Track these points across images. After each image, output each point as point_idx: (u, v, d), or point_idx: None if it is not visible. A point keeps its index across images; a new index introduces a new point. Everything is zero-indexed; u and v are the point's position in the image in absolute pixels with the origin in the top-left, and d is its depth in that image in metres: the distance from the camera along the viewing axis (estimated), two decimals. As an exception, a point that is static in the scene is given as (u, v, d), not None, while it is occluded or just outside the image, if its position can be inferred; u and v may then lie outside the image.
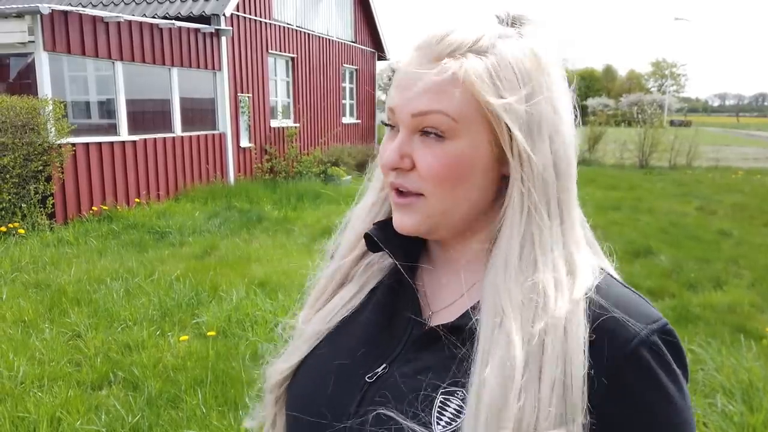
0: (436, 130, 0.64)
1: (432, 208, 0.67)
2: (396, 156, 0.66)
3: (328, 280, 0.80)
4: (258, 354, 3.70)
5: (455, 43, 0.63)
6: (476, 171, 0.65)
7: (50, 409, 2.97)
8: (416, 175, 0.66)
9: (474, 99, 0.62)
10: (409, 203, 0.68)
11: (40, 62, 7.04)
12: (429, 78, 0.63)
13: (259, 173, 11.42)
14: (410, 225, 0.68)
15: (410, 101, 0.64)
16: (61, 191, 7.21)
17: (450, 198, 0.66)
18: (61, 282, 5.00)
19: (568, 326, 0.61)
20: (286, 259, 5.94)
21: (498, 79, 0.62)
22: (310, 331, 0.77)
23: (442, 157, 0.64)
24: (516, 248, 0.64)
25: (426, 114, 0.63)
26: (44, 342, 3.83)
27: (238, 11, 10.62)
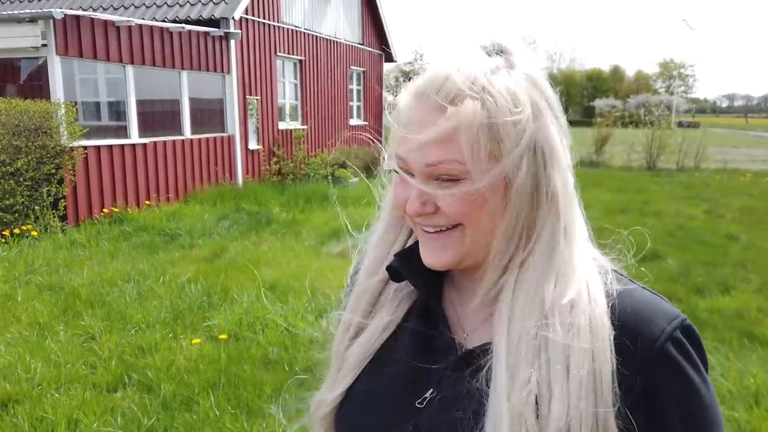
0: (450, 176, 0.68)
1: (465, 239, 0.70)
2: (418, 205, 0.70)
3: (353, 309, 0.82)
4: (269, 358, 3.75)
5: (453, 90, 0.66)
6: (492, 202, 0.69)
7: (68, 411, 3.04)
8: (443, 215, 0.70)
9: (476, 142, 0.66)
10: (440, 237, 0.72)
11: (52, 66, 7.13)
12: (436, 130, 0.67)
13: (267, 175, 11.50)
14: (445, 260, 0.72)
15: (422, 152, 0.68)
16: (72, 193, 7.30)
17: (479, 227, 0.70)
18: (74, 284, 5.07)
19: (593, 330, 0.65)
20: (295, 261, 6.00)
21: (497, 119, 0.66)
22: (351, 360, 0.79)
23: (461, 196, 0.68)
24: (531, 266, 0.69)
25: (439, 164, 0.67)
26: (59, 344, 3.90)
27: (247, 14, 10.70)
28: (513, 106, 0.66)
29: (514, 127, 0.66)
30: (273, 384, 3.41)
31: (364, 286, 0.82)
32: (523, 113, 0.67)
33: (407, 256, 0.77)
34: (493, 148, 0.66)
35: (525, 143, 0.67)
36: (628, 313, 0.68)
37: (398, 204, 0.74)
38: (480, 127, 0.65)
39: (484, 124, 0.65)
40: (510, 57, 0.70)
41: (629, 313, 0.68)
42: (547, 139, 0.68)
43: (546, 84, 0.71)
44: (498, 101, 0.66)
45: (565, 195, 0.70)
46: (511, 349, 0.66)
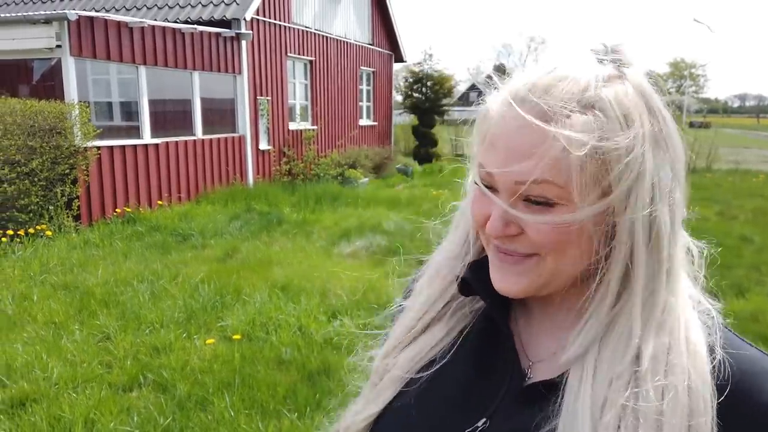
0: (543, 199, 0.59)
1: (544, 268, 0.63)
2: (500, 226, 0.62)
3: (413, 321, 0.75)
4: (282, 358, 3.77)
5: (560, 99, 0.58)
6: (588, 233, 0.60)
7: (84, 411, 3.07)
8: (526, 240, 0.62)
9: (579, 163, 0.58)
10: (517, 262, 0.64)
11: (67, 67, 7.19)
12: (532, 140, 0.58)
13: (277, 176, 11.54)
14: (518, 289, 0.65)
15: (513, 166, 0.59)
16: (86, 193, 7.36)
17: (565, 260, 0.62)
18: (88, 284, 5.12)
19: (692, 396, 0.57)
20: (307, 261, 6.02)
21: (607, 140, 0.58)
22: (393, 374, 0.73)
23: (553, 224, 0.60)
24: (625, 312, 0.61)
25: (533, 183, 0.59)
26: (75, 344, 3.94)
27: (258, 15, 10.74)
28: (626, 127, 0.58)
29: (626, 153, 0.58)
30: (286, 385, 3.43)
31: (424, 296, 0.76)
32: (636, 137, 0.58)
33: (479, 268, 0.70)
34: (599, 174, 0.58)
35: (635, 173, 0.58)
36: (737, 375, 0.59)
37: (477, 221, 0.66)
38: (589, 147, 0.57)
39: (593, 144, 0.57)
40: (621, 65, 0.62)
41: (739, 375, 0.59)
42: (658, 168, 0.59)
43: (657, 99, 0.62)
44: (610, 119, 0.58)
45: (671, 233, 0.61)
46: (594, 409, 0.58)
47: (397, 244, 6.64)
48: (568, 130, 0.57)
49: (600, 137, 0.58)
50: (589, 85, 0.59)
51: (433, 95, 18.91)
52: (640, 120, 0.59)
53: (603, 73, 0.60)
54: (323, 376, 3.54)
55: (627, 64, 0.62)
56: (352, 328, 4.21)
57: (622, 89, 0.60)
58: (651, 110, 0.60)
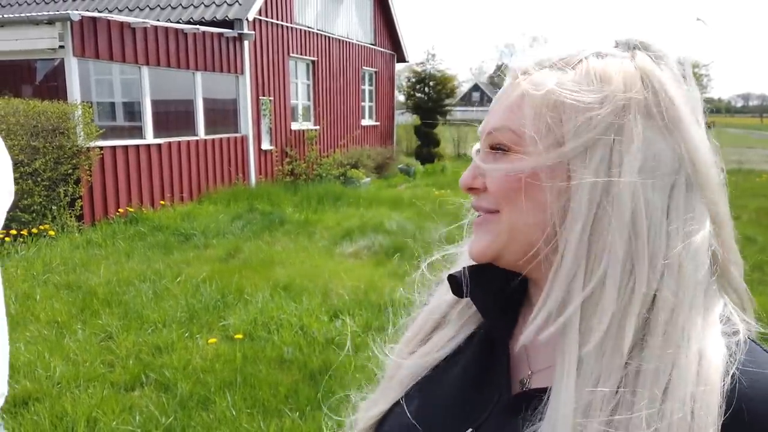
0: (502, 145, 0.61)
1: (502, 224, 0.61)
2: (469, 176, 0.64)
3: (425, 319, 0.75)
4: (284, 357, 3.78)
5: (538, 59, 0.60)
6: (542, 189, 0.58)
7: (87, 409, 3.08)
8: (491, 195, 0.62)
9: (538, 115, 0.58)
10: (481, 221, 0.64)
11: (69, 68, 7.21)
12: (507, 96, 0.61)
13: (279, 176, 11.55)
14: (480, 248, 0.63)
15: (488, 121, 0.63)
16: (88, 193, 7.38)
17: (518, 214, 0.59)
18: (91, 283, 5.13)
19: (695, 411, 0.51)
20: (309, 261, 6.03)
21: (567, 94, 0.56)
22: (402, 374, 0.72)
23: (505, 169, 0.60)
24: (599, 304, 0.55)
25: (496, 131, 0.61)
26: (78, 343, 3.95)
27: (261, 15, 10.75)
28: (597, 86, 0.56)
29: (588, 108, 0.56)
30: (288, 384, 3.43)
31: (437, 302, 0.75)
32: (608, 98, 0.55)
33: (480, 272, 0.66)
34: (554, 123, 0.57)
35: (597, 131, 0.55)
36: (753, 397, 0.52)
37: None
38: (546, 98, 0.57)
39: (551, 96, 0.57)
40: (638, 53, 0.58)
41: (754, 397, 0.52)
42: (648, 143, 0.55)
43: (667, 82, 0.57)
44: (578, 77, 0.57)
45: (665, 221, 0.55)
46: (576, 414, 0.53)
47: (403, 240, 6.65)
48: (532, 81, 0.58)
49: (559, 83, 0.57)
50: (575, 54, 0.59)
51: (436, 95, 18.90)
52: (623, 87, 0.56)
53: (608, 51, 0.59)
54: (325, 375, 3.54)
55: (646, 51, 0.59)
56: (354, 328, 4.22)
57: (617, 62, 0.57)
58: (648, 86, 0.56)
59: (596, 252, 0.55)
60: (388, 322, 4.33)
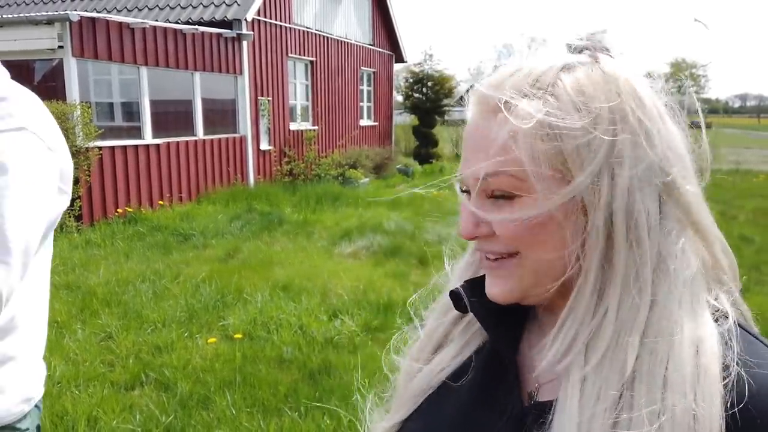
0: (504, 192, 0.57)
1: (526, 266, 0.59)
2: (470, 226, 0.60)
3: (429, 336, 0.74)
4: (283, 357, 3.79)
5: (512, 89, 0.56)
6: (558, 225, 0.56)
7: (87, 409, 3.09)
8: (500, 238, 0.59)
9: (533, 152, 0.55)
10: (499, 265, 0.61)
11: (68, 68, 7.22)
12: (486, 135, 0.57)
13: (278, 176, 11.56)
14: (504, 292, 0.61)
15: (473, 164, 0.58)
16: (87, 194, 7.39)
17: (542, 252, 0.57)
18: (90, 283, 5.14)
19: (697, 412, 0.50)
20: (308, 261, 6.04)
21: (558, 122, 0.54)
22: (411, 390, 0.71)
23: (516, 218, 0.57)
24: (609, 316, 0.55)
25: (490, 176, 0.57)
26: (77, 343, 3.96)
27: (259, 16, 10.76)
28: (582, 108, 0.54)
29: (583, 133, 0.54)
30: (287, 383, 3.45)
31: (439, 321, 0.73)
32: (597, 118, 0.54)
33: (479, 285, 0.65)
34: (556, 161, 0.54)
35: (599, 159, 0.54)
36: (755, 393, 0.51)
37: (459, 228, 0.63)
38: (540, 132, 0.54)
39: (544, 130, 0.54)
40: (598, 54, 0.58)
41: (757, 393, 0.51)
42: (626, 156, 0.54)
43: (640, 86, 0.56)
44: (562, 101, 0.55)
45: (658, 227, 0.55)
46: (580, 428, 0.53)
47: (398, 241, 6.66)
48: (516, 116, 0.55)
49: (548, 113, 0.54)
50: (544, 73, 0.56)
51: (434, 95, 18.92)
52: (605, 99, 0.54)
53: (566, 61, 0.57)
54: (324, 374, 3.56)
55: (604, 51, 0.58)
56: (353, 327, 4.23)
57: (585, 74, 0.56)
58: (621, 96, 0.55)
59: (609, 273, 0.55)
60: (394, 323, 4.34)
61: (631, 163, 0.54)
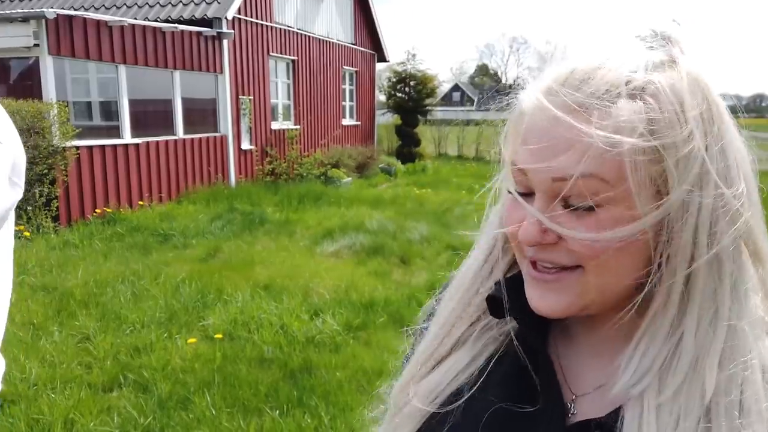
0: (585, 201, 0.51)
1: (590, 282, 0.54)
2: (536, 231, 0.53)
3: (433, 345, 0.66)
4: (265, 357, 3.78)
5: (603, 86, 0.50)
6: (647, 238, 0.52)
7: (64, 411, 3.04)
8: (565, 248, 0.53)
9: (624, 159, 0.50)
10: (557, 279, 0.55)
11: (45, 66, 7.11)
12: (569, 133, 0.50)
13: (260, 175, 11.50)
14: (559, 307, 0.55)
15: (549, 162, 0.51)
16: (65, 194, 7.28)
17: (611, 270, 0.52)
18: (68, 285, 5.07)
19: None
20: (290, 261, 6.02)
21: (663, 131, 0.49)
22: (412, 408, 0.63)
23: (596, 229, 0.51)
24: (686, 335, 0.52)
25: (571, 179, 0.50)
26: (54, 344, 3.90)
27: (240, 14, 10.69)
28: (682, 116, 0.50)
29: (684, 146, 0.49)
30: (268, 383, 3.43)
31: (443, 317, 0.67)
32: (695, 129, 0.50)
33: (510, 287, 0.60)
34: (653, 172, 0.50)
35: (696, 171, 0.50)
36: None
37: (512, 230, 0.56)
38: (639, 136, 0.49)
39: (643, 131, 0.49)
40: (673, 50, 0.53)
41: None
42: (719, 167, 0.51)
43: (715, 90, 0.53)
44: (663, 107, 0.50)
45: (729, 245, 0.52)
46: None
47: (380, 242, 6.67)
48: (616, 117, 0.49)
49: (652, 124, 0.49)
50: (637, 71, 0.51)
51: (416, 95, 18.96)
52: (699, 111, 0.50)
53: (653, 59, 0.52)
54: (305, 373, 3.55)
55: (679, 50, 0.53)
56: (335, 326, 4.23)
57: (677, 75, 0.51)
58: (709, 102, 0.51)
59: (689, 295, 0.52)
60: (376, 321, 4.34)
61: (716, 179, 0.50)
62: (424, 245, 6.81)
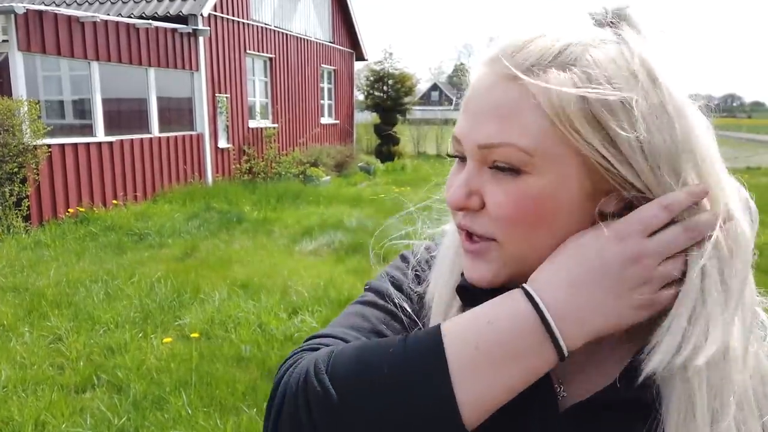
0: (508, 165, 0.52)
1: (508, 255, 0.55)
2: (462, 193, 0.55)
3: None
4: (242, 355, 3.73)
5: (534, 54, 0.51)
6: (561, 211, 0.52)
7: (35, 413, 2.97)
8: (487, 217, 0.54)
9: (556, 127, 0.50)
10: (479, 249, 0.56)
11: (14, 62, 6.93)
12: (499, 100, 0.52)
13: (237, 174, 11.38)
14: (483, 276, 0.56)
15: (477, 129, 0.53)
16: (36, 193, 7.11)
17: (527, 243, 0.54)
18: (39, 285, 4.95)
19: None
20: (268, 260, 5.97)
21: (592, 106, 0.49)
22: None
23: (515, 195, 0.52)
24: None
25: (495, 147, 0.52)
26: (25, 346, 3.81)
27: (216, 11, 10.57)
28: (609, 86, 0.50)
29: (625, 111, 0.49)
30: (246, 381, 3.39)
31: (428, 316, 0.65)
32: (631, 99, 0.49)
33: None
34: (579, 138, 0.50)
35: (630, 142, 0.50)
36: None
37: (446, 194, 0.58)
38: (569, 103, 0.49)
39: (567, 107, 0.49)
40: (623, 30, 0.53)
41: None
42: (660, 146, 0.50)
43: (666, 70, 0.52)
44: (593, 79, 0.50)
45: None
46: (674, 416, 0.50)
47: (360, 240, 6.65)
48: (536, 85, 0.50)
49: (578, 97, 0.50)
50: (571, 44, 0.51)
51: (395, 94, 18.98)
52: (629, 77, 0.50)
53: (593, 35, 0.52)
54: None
55: (628, 27, 0.53)
56: (314, 324, 4.20)
57: (615, 52, 0.51)
58: (649, 72, 0.51)
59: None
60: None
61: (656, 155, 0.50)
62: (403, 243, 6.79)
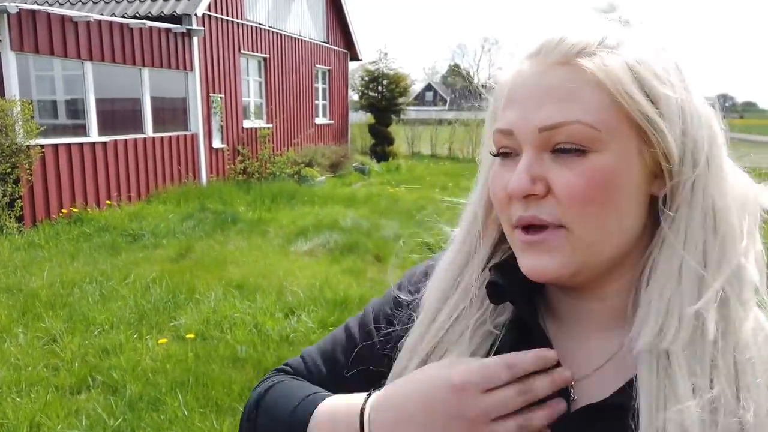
0: (574, 145, 0.51)
1: (577, 241, 0.53)
2: (526, 180, 0.52)
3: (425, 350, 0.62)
4: (238, 356, 3.72)
5: (578, 44, 0.53)
6: (626, 190, 0.52)
7: (29, 414, 2.95)
8: (553, 202, 0.53)
9: (615, 102, 0.51)
10: (544, 239, 0.53)
11: (7, 62, 6.89)
12: (553, 84, 0.52)
13: (232, 174, 11.36)
14: (552, 268, 0.54)
15: (535, 114, 0.52)
16: (29, 193, 7.08)
17: (597, 226, 0.52)
18: (33, 286, 4.92)
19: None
20: (263, 260, 5.96)
21: (641, 77, 0.51)
22: None
23: (585, 174, 0.51)
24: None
25: (560, 126, 0.51)
26: (19, 347, 3.79)
27: (210, 11, 10.54)
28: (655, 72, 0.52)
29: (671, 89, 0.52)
30: (242, 382, 3.39)
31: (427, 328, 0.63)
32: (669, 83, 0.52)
33: (506, 272, 0.59)
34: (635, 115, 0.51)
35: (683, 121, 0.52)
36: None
37: (499, 199, 0.56)
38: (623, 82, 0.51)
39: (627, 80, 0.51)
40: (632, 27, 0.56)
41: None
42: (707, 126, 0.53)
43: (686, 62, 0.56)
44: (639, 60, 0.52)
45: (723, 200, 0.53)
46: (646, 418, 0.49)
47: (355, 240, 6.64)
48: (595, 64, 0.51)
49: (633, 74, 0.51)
50: (609, 33, 0.54)
51: (389, 94, 18.98)
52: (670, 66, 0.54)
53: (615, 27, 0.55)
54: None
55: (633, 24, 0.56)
56: (310, 324, 4.20)
57: (646, 39, 0.55)
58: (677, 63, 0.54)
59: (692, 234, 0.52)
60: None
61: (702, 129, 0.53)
62: (398, 243, 6.81)
